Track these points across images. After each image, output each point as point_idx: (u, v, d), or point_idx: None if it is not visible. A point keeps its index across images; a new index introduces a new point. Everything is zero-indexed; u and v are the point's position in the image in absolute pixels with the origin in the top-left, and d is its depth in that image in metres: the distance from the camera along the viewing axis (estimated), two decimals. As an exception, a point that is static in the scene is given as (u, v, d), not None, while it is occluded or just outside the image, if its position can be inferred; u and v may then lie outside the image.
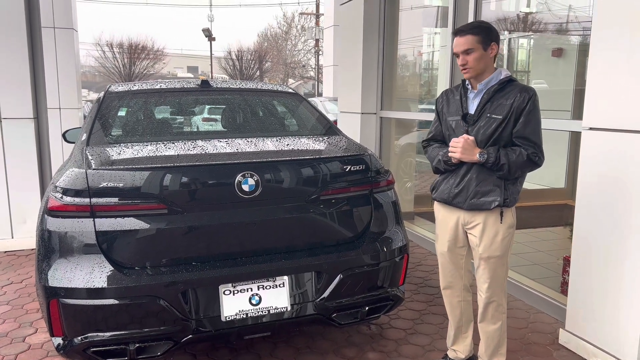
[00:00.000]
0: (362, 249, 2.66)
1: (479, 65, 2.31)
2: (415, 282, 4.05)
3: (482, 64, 2.31)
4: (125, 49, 37.68)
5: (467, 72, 2.34)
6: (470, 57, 2.29)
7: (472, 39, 2.28)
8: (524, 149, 2.27)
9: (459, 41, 2.32)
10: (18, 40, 4.70)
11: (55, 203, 2.29)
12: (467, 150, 2.30)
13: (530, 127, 2.27)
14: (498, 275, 2.43)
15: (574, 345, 2.96)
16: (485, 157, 2.27)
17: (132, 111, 3.14)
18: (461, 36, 2.31)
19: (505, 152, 2.27)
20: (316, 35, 30.84)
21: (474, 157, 2.30)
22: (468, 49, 2.29)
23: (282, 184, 2.53)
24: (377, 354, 2.95)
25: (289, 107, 3.53)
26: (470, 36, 2.29)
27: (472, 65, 2.30)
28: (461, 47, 2.31)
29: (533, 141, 2.28)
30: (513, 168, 2.27)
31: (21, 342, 3.09)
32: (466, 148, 2.29)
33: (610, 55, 2.66)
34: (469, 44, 2.29)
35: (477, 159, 2.29)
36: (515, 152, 2.27)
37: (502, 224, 2.36)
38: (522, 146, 2.28)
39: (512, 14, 5.43)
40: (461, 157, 2.31)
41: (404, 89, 6.36)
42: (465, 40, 2.30)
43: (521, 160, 2.26)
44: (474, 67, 2.31)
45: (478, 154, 2.29)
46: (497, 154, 2.26)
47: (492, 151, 2.28)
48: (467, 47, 2.29)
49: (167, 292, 2.29)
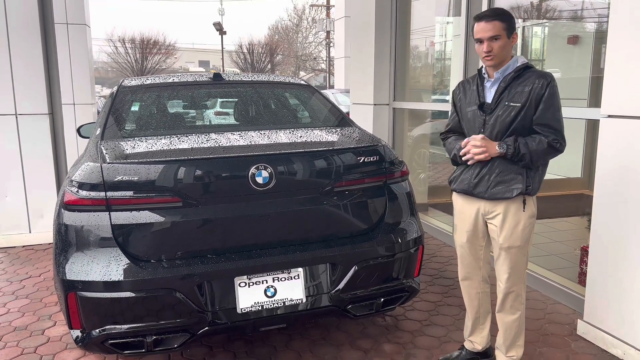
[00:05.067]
0: (377, 241, 2.64)
1: (502, 53, 2.26)
2: (430, 273, 4.03)
3: (505, 52, 2.27)
4: (137, 44, 37.91)
5: (491, 59, 2.27)
6: (496, 44, 2.23)
7: (499, 25, 2.21)
8: (544, 136, 2.23)
9: (484, 27, 2.23)
10: (32, 37, 4.75)
11: (71, 197, 2.31)
12: (488, 147, 2.28)
13: (550, 113, 2.23)
14: (518, 266, 2.40)
15: (592, 336, 2.93)
16: (505, 149, 2.25)
17: (145, 105, 3.15)
18: (487, 22, 2.23)
19: (524, 142, 2.23)
20: (327, 27, 30.72)
21: (494, 151, 2.27)
22: (495, 35, 2.22)
23: (295, 176, 2.53)
24: (393, 346, 2.94)
25: (301, 99, 3.51)
26: (498, 22, 2.21)
27: (497, 53, 2.24)
28: (488, 32, 2.23)
29: (553, 127, 2.23)
30: (535, 156, 2.23)
31: (40, 335, 3.14)
32: (486, 145, 2.27)
33: (629, 40, 2.60)
34: (496, 30, 2.21)
35: (497, 152, 2.27)
36: (535, 140, 2.23)
37: (525, 212, 2.33)
38: (542, 133, 2.24)
39: (527, 1, 5.34)
40: (485, 156, 2.28)
41: (416, 80, 6.31)
42: (492, 26, 2.22)
43: (542, 147, 2.22)
44: (498, 55, 2.25)
45: (497, 146, 2.26)
46: (515, 145, 2.23)
47: (510, 142, 2.24)
48: (493, 33, 2.22)
49: (183, 285, 2.31)
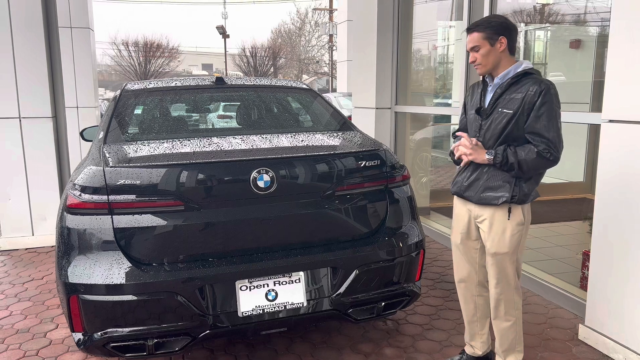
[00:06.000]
0: (378, 245, 2.65)
1: (487, 60, 2.32)
2: (431, 277, 4.03)
3: (492, 59, 2.32)
4: (141, 48, 38.04)
5: (478, 68, 2.38)
6: (478, 54, 2.33)
7: (477, 36, 2.32)
8: (534, 146, 2.22)
9: (468, 38, 2.38)
10: (36, 40, 4.78)
11: (74, 200, 2.33)
12: (476, 152, 2.32)
13: (542, 122, 2.21)
14: (507, 272, 2.40)
15: (593, 340, 2.93)
16: (493, 156, 2.28)
17: (148, 109, 3.16)
18: (469, 34, 2.37)
19: (513, 151, 2.24)
20: (330, 30, 30.77)
21: (483, 158, 2.31)
22: (474, 46, 2.34)
23: (297, 180, 2.54)
24: (394, 350, 2.94)
25: (303, 103, 3.53)
26: (475, 34, 2.33)
27: (481, 62, 2.34)
28: (469, 44, 2.37)
29: (545, 137, 2.21)
30: (524, 166, 2.23)
31: (42, 338, 3.15)
32: (475, 149, 2.32)
33: (630, 45, 2.61)
34: (475, 41, 2.33)
35: (485, 159, 2.30)
36: (524, 149, 2.23)
37: (510, 220, 2.33)
38: (532, 142, 2.24)
39: (529, 6, 5.35)
40: (472, 158, 2.34)
41: (418, 84, 6.32)
42: (471, 37, 2.35)
43: (531, 157, 2.21)
44: (483, 63, 2.33)
45: (486, 154, 2.30)
46: (504, 153, 2.24)
47: (500, 150, 2.27)
48: (472, 44, 2.35)
49: (184, 288, 2.32)
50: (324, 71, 38.50)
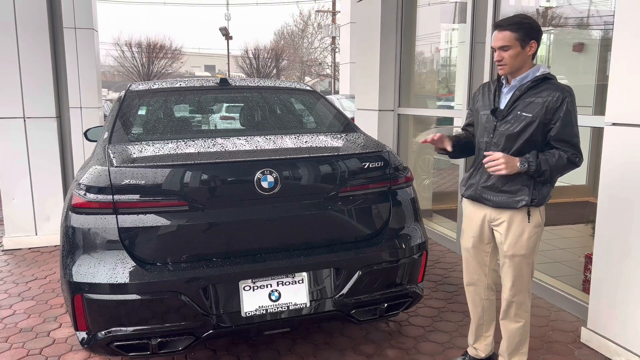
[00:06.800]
0: (381, 246, 2.65)
1: (514, 62, 2.25)
2: (434, 279, 4.03)
3: (519, 61, 2.25)
4: (144, 49, 38.15)
5: (502, 68, 2.28)
6: (506, 54, 2.24)
7: (509, 35, 2.21)
8: (563, 152, 2.22)
9: (497, 36, 2.25)
10: (41, 41, 4.80)
11: (79, 200, 2.34)
12: (510, 165, 2.22)
13: (569, 129, 2.21)
14: (522, 275, 2.40)
15: (595, 343, 2.92)
16: (527, 166, 2.22)
17: (152, 110, 3.18)
18: (500, 31, 2.24)
19: (545, 159, 2.22)
20: (333, 32, 30.83)
21: (516, 169, 2.23)
22: (504, 45, 2.23)
23: (300, 181, 2.54)
24: (396, 351, 2.94)
25: (306, 104, 3.54)
26: (508, 32, 2.21)
27: (507, 62, 2.25)
28: (498, 42, 2.24)
29: (572, 143, 2.23)
30: (555, 172, 2.24)
31: (46, 337, 3.16)
32: (508, 162, 2.22)
33: (633, 49, 2.61)
34: (506, 41, 2.22)
35: (518, 169, 2.23)
36: (554, 156, 2.22)
37: (530, 223, 2.33)
38: (560, 149, 2.23)
39: (532, 9, 5.35)
40: (507, 172, 2.22)
41: (421, 86, 6.33)
42: (502, 36, 2.23)
43: (562, 163, 2.22)
44: (509, 64, 2.25)
45: (519, 164, 2.23)
46: (537, 162, 2.21)
47: (532, 159, 2.22)
48: (503, 43, 2.23)
49: (188, 288, 2.32)
50: (327, 73, 38.53)
